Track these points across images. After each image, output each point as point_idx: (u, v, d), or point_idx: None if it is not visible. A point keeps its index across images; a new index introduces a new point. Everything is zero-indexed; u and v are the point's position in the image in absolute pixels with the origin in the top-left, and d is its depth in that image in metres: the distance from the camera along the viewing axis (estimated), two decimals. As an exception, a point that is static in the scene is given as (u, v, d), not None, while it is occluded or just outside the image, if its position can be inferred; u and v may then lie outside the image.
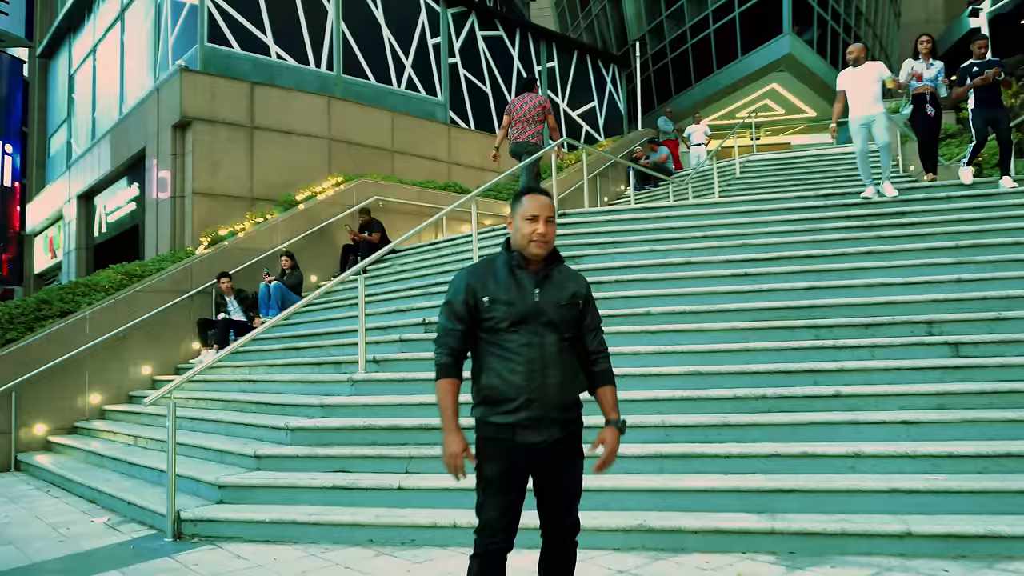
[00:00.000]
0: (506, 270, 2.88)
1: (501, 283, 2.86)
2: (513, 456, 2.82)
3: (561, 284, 2.91)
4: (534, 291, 2.84)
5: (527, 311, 2.81)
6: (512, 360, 2.78)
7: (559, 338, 2.84)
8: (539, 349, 2.79)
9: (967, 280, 6.78)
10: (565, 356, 2.86)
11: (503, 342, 2.80)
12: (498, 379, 2.78)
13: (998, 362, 5.61)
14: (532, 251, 2.85)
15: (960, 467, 4.73)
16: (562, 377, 2.82)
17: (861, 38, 27.91)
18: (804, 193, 9.72)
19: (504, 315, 2.80)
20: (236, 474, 5.80)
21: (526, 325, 2.80)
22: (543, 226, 2.85)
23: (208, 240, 12.08)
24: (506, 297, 2.82)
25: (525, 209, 2.88)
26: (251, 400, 7.55)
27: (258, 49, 14.42)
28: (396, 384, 6.61)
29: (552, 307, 2.84)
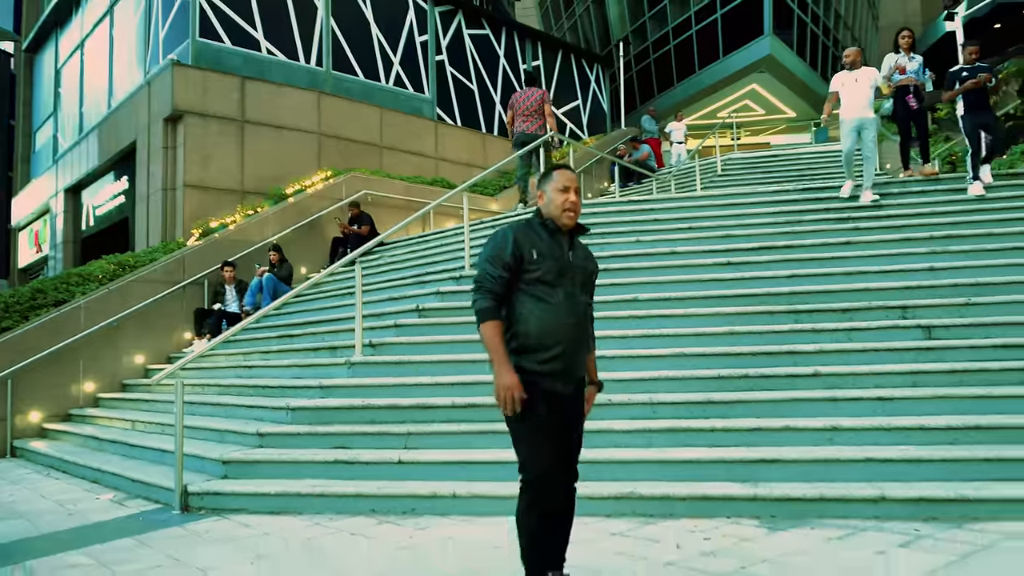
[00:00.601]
0: (546, 232, 3.15)
1: (544, 241, 3.11)
2: (542, 402, 3.02)
3: (583, 254, 3.26)
4: (568, 252, 3.14)
5: (565, 268, 3.09)
6: (551, 312, 3.03)
7: (584, 298, 3.18)
8: (573, 304, 3.09)
9: (940, 268, 7.10)
10: (587, 315, 3.21)
11: (543, 295, 3.04)
12: (537, 327, 3.02)
13: (968, 343, 5.91)
14: (564, 221, 3.14)
15: (932, 439, 5.02)
16: (585, 332, 3.18)
17: (840, 40, 28.42)
18: (783, 187, 10.02)
19: (549, 269, 3.05)
20: (239, 451, 5.99)
21: (563, 279, 3.08)
22: (574, 195, 3.14)
23: (199, 232, 12.23)
24: (549, 253, 3.08)
25: (557, 182, 3.16)
26: (249, 384, 7.73)
27: (249, 44, 14.58)
28: (393, 367, 6.82)
29: (581, 268, 3.18)
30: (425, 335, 7.29)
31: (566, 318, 3.05)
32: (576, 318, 3.09)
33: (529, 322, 3.03)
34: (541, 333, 3.02)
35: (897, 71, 9.57)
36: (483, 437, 5.61)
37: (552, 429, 3.05)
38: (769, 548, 3.97)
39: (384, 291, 9.27)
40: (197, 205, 12.94)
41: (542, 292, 3.05)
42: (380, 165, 15.60)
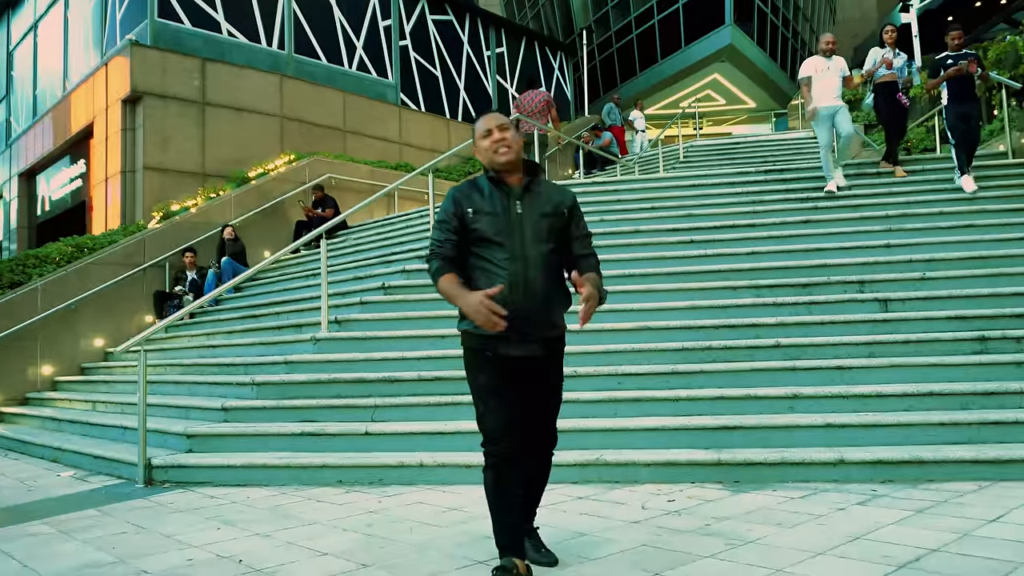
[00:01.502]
0: (488, 186, 2.97)
1: (485, 196, 2.95)
2: (499, 366, 2.91)
3: (544, 196, 2.99)
4: (515, 203, 2.92)
5: (511, 222, 2.89)
6: (496, 273, 2.84)
7: (543, 251, 2.90)
8: (522, 262, 2.85)
9: (895, 245, 7.28)
10: (549, 270, 2.92)
11: (488, 255, 2.87)
12: (484, 289, 2.80)
13: (922, 315, 6.08)
14: (499, 160, 2.91)
15: (888, 405, 5.15)
16: (546, 290, 2.89)
17: (799, 32, 28.83)
18: (745, 169, 10.18)
19: (488, 226, 2.87)
20: (204, 425, 5.95)
21: (509, 237, 2.87)
22: (498, 133, 2.93)
23: (160, 215, 12.06)
24: (489, 208, 2.90)
25: (478, 128, 3.01)
26: (213, 363, 7.67)
27: (209, 26, 14.38)
28: (359, 342, 6.82)
29: (535, 219, 2.91)
30: (391, 311, 7.29)
31: (512, 278, 2.83)
32: (526, 276, 2.85)
33: (477, 284, 2.88)
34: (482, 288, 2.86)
35: (884, 65, 9.27)
36: (449, 408, 5.64)
37: (507, 393, 2.93)
38: (732, 508, 4.05)
39: (349, 271, 9.24)
40: (158, 188, 12.76)
41: (486, 251, 2.88)
42: (344, 149, 15.49)
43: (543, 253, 2.90)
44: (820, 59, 8.99)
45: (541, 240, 2.91)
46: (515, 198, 2.94)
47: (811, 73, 8.98)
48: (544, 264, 2.90)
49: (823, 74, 8.88)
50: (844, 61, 9.04)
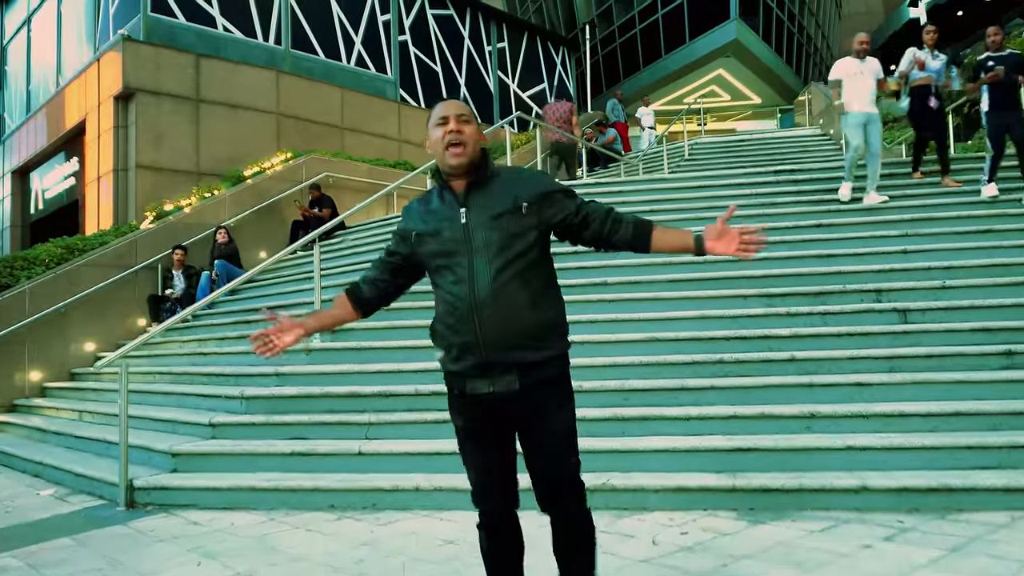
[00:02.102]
0: (437, 197, 2.48)
1: (430, 212, 2.47)
2: (470, 408, 2.45)
3: (497, 191, 2.41)
4: (459, 211, 2.39)
5: (454, 238, 2.38)
6: (445, 300, 2.40)
7: (500, 263, 2.33)
8: (468, 284, 2.33)
9: (912, 251, 6.98)
10: (509, 283, 2.33)
11: (439, 280, 2.43)
12: (437, 323, 2.46)
13: (944, 327, 5.78)
14: (449, 160, 2.39)
15: (911, 426, 4.86)
16: (505, 310, 2.32)
17: (805, 27, 28.47)
18: (755, 170, 9.87)
19: (431, 249, 2.43)
20: (190, 442, 5.67)
21: (454, 257, 2.37)
22: (454, 123, 2.39)
23: (153, 215, 11.78)
24: (431, 227, 2.43)
25: (432, 116, 2.46)
26: (203, 372, 7.39)
27: (203, 20, 14.08)
28: (353, 352, 6.54)
29: (485, 224, 2.35)
30: (387, 320, 6.97)
31: (455, 302, 2.35)
32: (474, 298, 2.32)
33: (433, 320, 2.49)
34: (440, 325, 2.44)
35: (916, 66, 8.52)
36: (447, 427, 5.28)
37: (483, 440, 2.49)
38: (750, 543, 3.77)
39: (345, 275, 8.94)
40: (151, 187, 12.49)
41: (438, 276, 2.43)
42: (342, 147, 15.21)
43: (499, 266, 2.32)
44: (852, 60, 8.33)
45: (495, 249, 2.34)
46: (459, 205, 2.40)
47: (842, 75, 8.36)
48: (499, 278, 2.32)
49: (855, 77, 8.24)
50: (878, 63, 8.41)
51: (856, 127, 8.19)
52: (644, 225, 2.47)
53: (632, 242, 2.46)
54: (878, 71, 8.30)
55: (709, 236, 2.42)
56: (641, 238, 2.46)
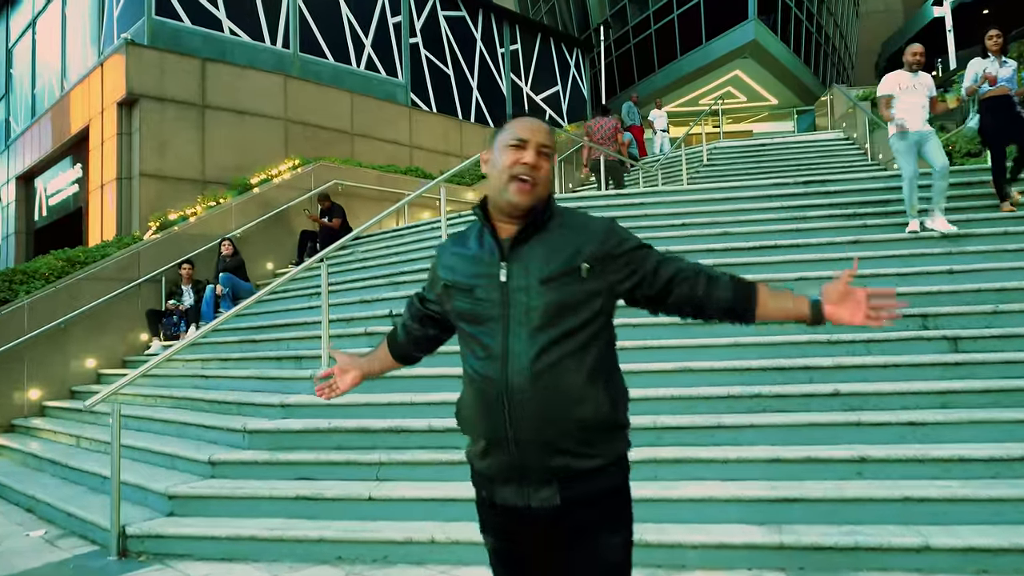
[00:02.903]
0: (476, 239, 1.98)
1: (463, 260, 1.97)
2: (503, 522, 1.95)
3: (552, 246, 1.87)
4: (499, 266, 1.87)
5: (488, 300, 1.87)
6: (471, 379, 1.91)
7: (545, 340, 1.80)
8: (500, 363, 1.82)
9: (959, 271, 6.54)
10: (554, 367, 1.81)
11: (466, 352, 1.96)
12: (463, 405, 1.99)
13: (1000, 358, 5.34)
14: (511, 197, 1.86)
15: (972, 472, 4.44)
16: (547, 402, 1.80)
17: (823, 26, 27.94)
18: (782, 180, 9.42)
19: (459, 308, 1.95)
20: (188, 483, 5.29)
21: (486, 325, 1.87)
22: (532, 155, 1.87)
23: (157, 225, 11.42)
24: (462, 280, 1.94)
25: (507, 135, 1.92)
26: (205, 398, 7.01)
27: (209, 24, 13.72)
28: (365, 381, 6.12)
29: (531, 287, 1.83)
30: (399, 345, 6.60)
31: (484, 385, 1.85)
32: (507, 382, 1.81)
33: (463, 387, 2.00)
34: (466, 408, 1.97)
35: (987, 81, 7.53)
36: (463, 468, 4.93)
37: (515, 568, 2.01)
38: (807, 618, 3.36)
39: (355, 292, 8.58)
40: (154, 196, 12.12)
41: (463, 342, 1.97)
42: (351, 153, 14.84)
43: (543, 345, 1.80)
44: (904, 74, 7.46)
45: (540, 322, 1.81)
46: (501, 257, 1.88)
47: (893, 91, 7.50)
48: (542, 359, 1.80)
49: (908, 92, 7.39)
50: (931, 79, 7.59)
51: (908, 150, 7.32)
52: (746, 287, 1.94)
53: (732, 308, 1.93)
54: (932, 87, 7.52)
55: (828, 300, 1.91)
56: (743, 302, 1.92)
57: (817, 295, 1.94)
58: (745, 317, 1.94)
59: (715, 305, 1.93)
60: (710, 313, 1.96)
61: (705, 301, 1.93)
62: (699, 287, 1.92)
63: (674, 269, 1.94)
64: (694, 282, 1.93)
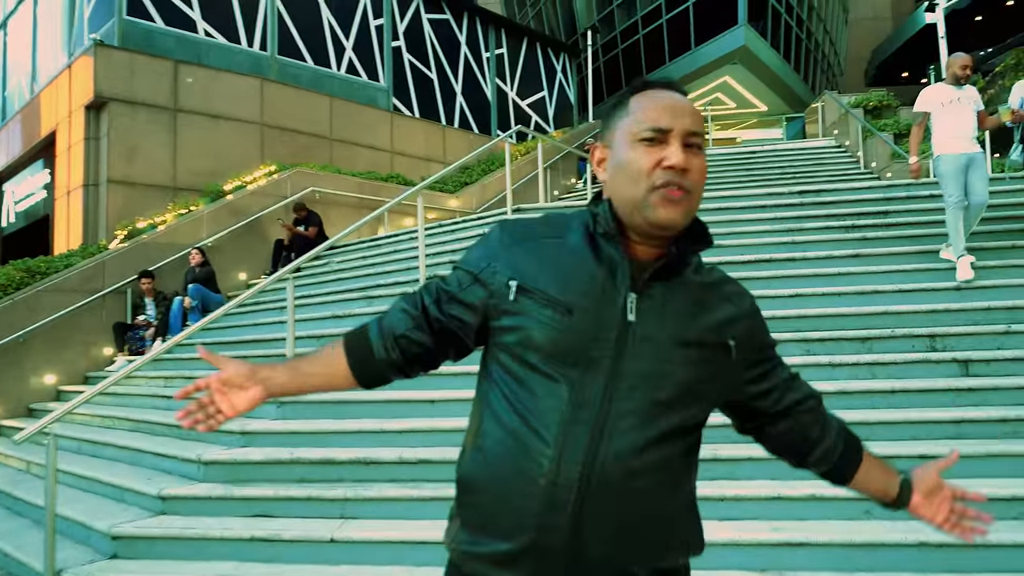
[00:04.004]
0: (589, 243, 1.35)
1: (564, 261, 1.34)
2: None
3: (698, 298, 1.37)
4: (627, 298, 1.30)
5: (592, 335, 1.29)
6: (513, 445, 1.30)
7: (666, 425, 1.31)
8: (587, 434, 1.27)
9: (966, 288, 6.17)
10: (667, 467, 1.32)
11: (516, 396, 1.32)
12: (473, 479, 1.37)
13: (1014, 383, 4.98)
14: (656, 215, 1.29)
15: (994, 512, 4.00)
16: (645, 514, 1.31)
17: (813, 33, 27.72)
18: (776, 189, 9.05)
19: (533, 332, 1.31)
20: (134, 521, 4.83)
21: (575, 370, 1.29)
22: (679, 152, 1.29)
23: (124, 233, 10.94)
24: (558, 291, 1.31)
25: (638, 120, 1.33)
26: (163, 421, 6.54)
27: (183, 25, 13.23)
28: (331, 406, 5.70)
29: (666, 345, 1.31)
30: (370, 366, 6.16)
31: (571, 465, 1.27)
32: (620, 475, 1.27)
33: (476, 459, 1.37)
34: (480, 489, 1.35)
35: None
36: (436, 505, 4.53)
37: None
38: None
39: (326, 306, 8.14)
40: (122, 203, 11.61)
41: (519, 380, 1.32)
42: (330, 159, 14.37)
43: (660, 431, 1.30)
44: (947, 88, 6.59)
45: (665, 398, 1.31)
46: (629, 288, 1.31)
47: (932, 108, 6.60)
48: (651, 452, 1.29)
49: (952, 107, 6.48)
50: (977, 91, 6.75)
51: (956, 174, 6.32)
52: (856, 446, 1.57)
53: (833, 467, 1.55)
54: (979, 101, 6.66)
55: (918, 488, 1.57)
56: (846, 465, 1.55)
57: (909, 474, 1.59)
58: (836, 479, 1.57)
59: (818, 455, 1.55)
60: (805, 460, 1.57)
61: (813, 446, 1.55)
62: (815, 427, 1.54)
63: (803, 392, 1.54)
64: (814, 417, 1.54)
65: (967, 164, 6.36)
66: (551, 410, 1.28)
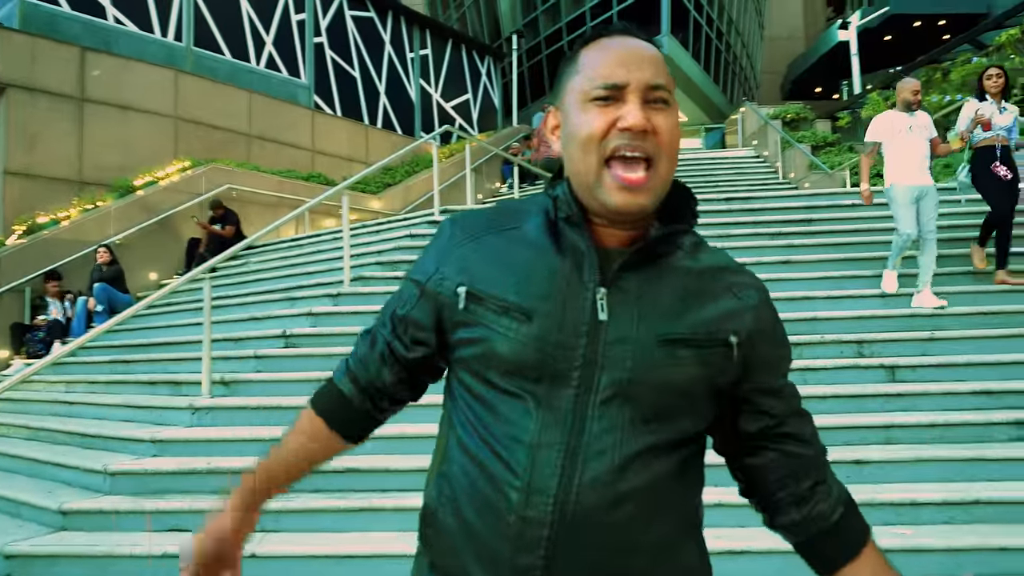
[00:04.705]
0: (544, 230, 1.14)
1: (521, 257, 1.12)
2: None
3: (688, 286, 1.13)
4: (597, 293, 1.08)
5: (557, 342, 1.07)
6: (479, 475, 1.09)
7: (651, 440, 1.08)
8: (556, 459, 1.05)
9: (891, 295, 6.29)
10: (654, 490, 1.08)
11: (482, 421, 1.11)
12: (438, 518, 1.15)
13: (940, 388, 5.08)
14: (608, 198, 1.08)
15: (925, 516, 4.10)
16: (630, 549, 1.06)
17: (732, 46, 28.39)
18: (704, 196, 9.11)
19: (493, 344, 1.09)
20: (31, 539, 4.43)
21: (541, 386, 1.07)
22: (638, 111, 1.07)
23: (23, 229, 10.26)
24: (514, 294, 1.09)
25: (588, 77, 1.11)
26: (64, 429, 6.08)
27: (91, 10, 12.55)
28: (251, 412, 5.39)
29: (645, 344, 1.07)
30: (293, 371, 5.89)
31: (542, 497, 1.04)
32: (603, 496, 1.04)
33: (442, 497, 1.15)
34: (445, 530, 1.13)
35: (980, 126, 6.52)
36: (366, 516, 4.31)
37: None
38: None
39: (245, 308, 7.76)
40: (19, 196, 10.87)
41: (483, 402, 1.11)
42: (248, 157, 13.87)
43: (640, 447, 1.07)
44: (899, 115, 6.38)
45: (644, 412, 1.08)
46: (599, 281, 1.09)
47: (883, 137, 6.41)
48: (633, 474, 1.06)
49: (904, 136, 6.28)
50: (929, 117, 6.57)
51: (908, 206, 6.15)
52: (861, 530, 1.22)
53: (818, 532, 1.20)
54: (932, 128, 6.46)
55: None
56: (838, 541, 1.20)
57: None
58: (822, 567, 1.21)
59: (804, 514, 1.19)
60: (783, 519, 1.21)
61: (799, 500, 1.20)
62: (806, 477, 1.20)
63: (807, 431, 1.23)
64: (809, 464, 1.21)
65: (919, 196, 6.17)
66: (518, 434, 1.06)
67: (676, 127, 1.12)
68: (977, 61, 10.39)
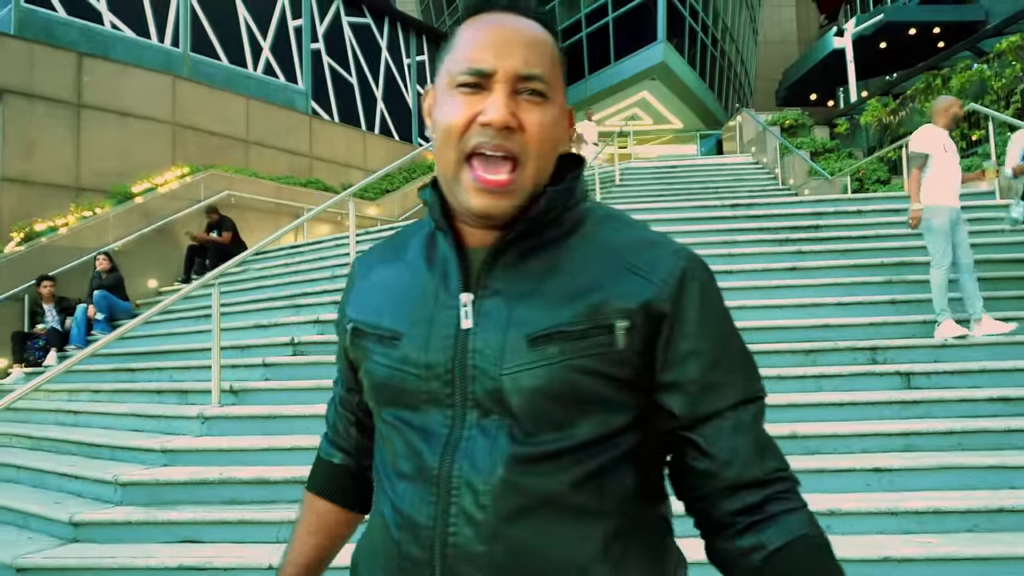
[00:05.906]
0: (421, 247, 1.07)
1: (396, 281, 1.06)
2: None
3: (569, 269, 0.96)
4: (457, 299, 0.98)
5: (424, 362, 0.97)
6: (379, 513, 1.01)
7: (531, 452, 0.91)
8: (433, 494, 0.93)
9: (902, 301, 6.29)
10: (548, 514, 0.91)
11: (383, 449, 1.04)
12: (366, 554, 1.05)
13: (956, 395, 5.05)
14: (467, 199, 0.96)
15: (949, 525, 4.06)
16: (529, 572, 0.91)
17: (727, 52, 28.48)
18: (709, 203, 9.11)
19: (375, 374, 1.02)
20: (43, 551, 4.36)
21: (419, 412, 0.98)
22: (503, 103, 0.93)
23: (21, 236, 10.16)
24: (385, 319, 1.03)
25: (458, 55, 0.99)
26: (70, 439, 6.01)
27: (88, 16, 12.48)
28: (261, 421, 5.34)
29: (512, 347, 0.93)
30: (302, 379, 5.83)
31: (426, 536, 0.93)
32: (483, 531, 0.90)
33: (368, 523, 1.08)
34: (367, 565, 1.03)
35: None
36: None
37: None
38: None
39: (250, 316, 7.71)
40: (17, 203, 10.76)
41: (381, 438, 1.05)
42: (246, 162, 13.80)
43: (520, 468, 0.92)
44: (941, 131, 5.87)
45: (521, 425, 0.93)
46: (462, 287, 0.98)
47: (934, 151, 5.78)
48: (513, 500, 0.91)
49: (943, 155, 5.77)
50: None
51: (948, 230, 5.66)
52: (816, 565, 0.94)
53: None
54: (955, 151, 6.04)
55: None
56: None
57: None
58: None
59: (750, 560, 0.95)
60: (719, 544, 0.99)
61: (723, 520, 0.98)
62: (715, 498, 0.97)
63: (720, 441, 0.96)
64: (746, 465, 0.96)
65: (955, 220, 5.73)
66: (400, 466, 0.98)
67: (552, 123, 0.98)
68: (977, 68, 10.42)
